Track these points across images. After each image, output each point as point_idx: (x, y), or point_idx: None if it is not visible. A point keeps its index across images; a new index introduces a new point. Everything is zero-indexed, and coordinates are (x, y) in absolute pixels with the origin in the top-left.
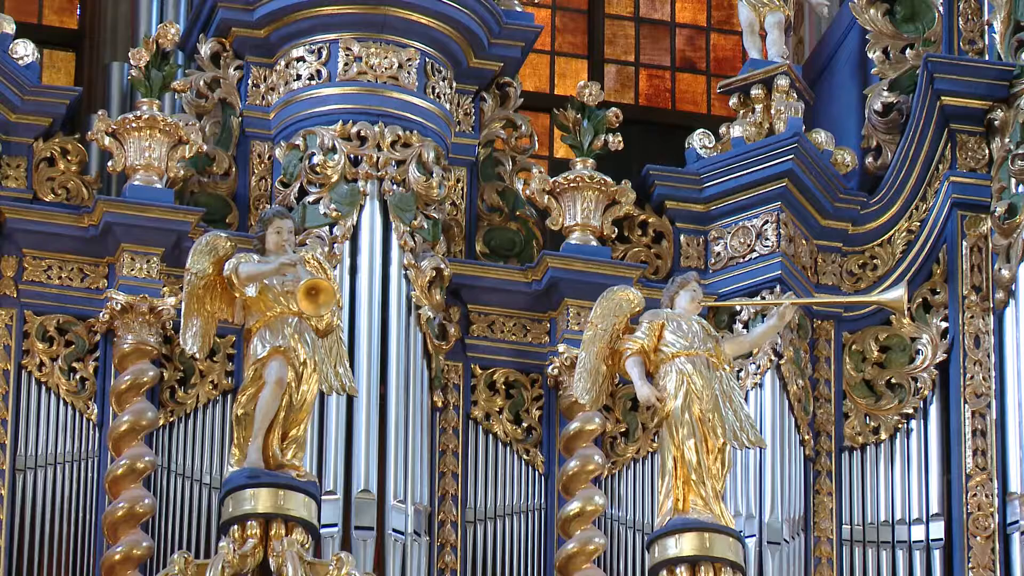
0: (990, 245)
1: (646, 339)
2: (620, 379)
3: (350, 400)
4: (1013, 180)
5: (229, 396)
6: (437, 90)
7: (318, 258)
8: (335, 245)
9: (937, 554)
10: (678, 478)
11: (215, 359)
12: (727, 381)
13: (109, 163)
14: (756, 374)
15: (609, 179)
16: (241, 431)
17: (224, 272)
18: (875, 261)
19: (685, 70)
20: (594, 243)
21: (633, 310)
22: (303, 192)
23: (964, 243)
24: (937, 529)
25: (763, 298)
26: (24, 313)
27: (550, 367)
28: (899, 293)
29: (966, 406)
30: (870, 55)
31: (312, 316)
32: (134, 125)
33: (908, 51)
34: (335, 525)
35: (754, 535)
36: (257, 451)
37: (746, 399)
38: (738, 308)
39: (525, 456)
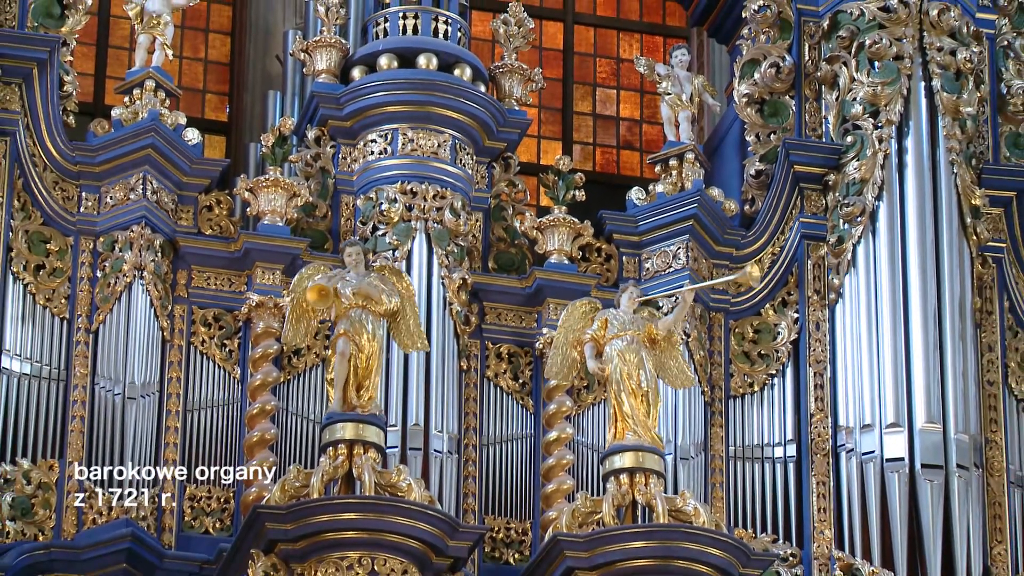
0: (826, 263)
1: (596, 329)
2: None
3: (406, 365)
4: (841, 220)
5: (325, 363)
6: (463, 161)
7: (391, 265)
8: (396, 264)
9: (791, 466)
10: (618, 417)
11: (316, 338)
12: (670, 350)
13: (248, 209)
14: None
15: (576, 220)
16: (331, 387)
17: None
18: None
19: (626, 148)
20: (566, 262)
21: (594, 310)
22: (375, 228)
23: (809, 262)
24: (791, 450)
25: (675, 299)
26: (192, 307)
27: (537, 343)
28: (746, 269)
29: (810, 369)
30: (748, 138)
31: (317, 308)
32: (264, 184)
33: (772, 136)
34: (396, 447)
35: (671, 453)
36: (339, 399)
37: None
38: (660, 303)
39: (521, 402)
